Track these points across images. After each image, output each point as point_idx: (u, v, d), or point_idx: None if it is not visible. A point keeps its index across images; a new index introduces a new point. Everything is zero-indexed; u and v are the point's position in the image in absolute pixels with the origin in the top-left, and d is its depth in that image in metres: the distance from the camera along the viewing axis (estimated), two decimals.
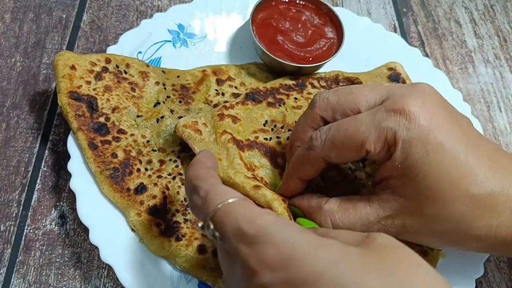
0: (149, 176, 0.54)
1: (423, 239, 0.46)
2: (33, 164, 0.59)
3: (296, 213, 0.49)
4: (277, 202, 0.48)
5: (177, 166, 0.55)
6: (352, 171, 0.57)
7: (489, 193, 0.41)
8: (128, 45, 0.64)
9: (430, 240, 0.46)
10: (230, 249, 0.34)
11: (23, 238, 0.54)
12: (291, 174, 0.49)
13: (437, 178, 0.41)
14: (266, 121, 0.57)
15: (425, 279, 0.32)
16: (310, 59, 0.63)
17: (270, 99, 0.59)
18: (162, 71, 0.63)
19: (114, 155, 0.54)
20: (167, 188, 0.53)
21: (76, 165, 0.54)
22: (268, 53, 0.62)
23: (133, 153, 0.55)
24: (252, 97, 0.58)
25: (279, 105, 0.59)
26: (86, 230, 0.50)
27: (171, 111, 0.59)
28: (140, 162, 0.54)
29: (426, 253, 0.52)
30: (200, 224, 0.37)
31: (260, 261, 0.31)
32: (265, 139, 0.56)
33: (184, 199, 0.53)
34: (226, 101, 0.61)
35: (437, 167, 0.40)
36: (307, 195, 0.50)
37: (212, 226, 0.35)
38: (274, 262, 0.31)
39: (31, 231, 0.55)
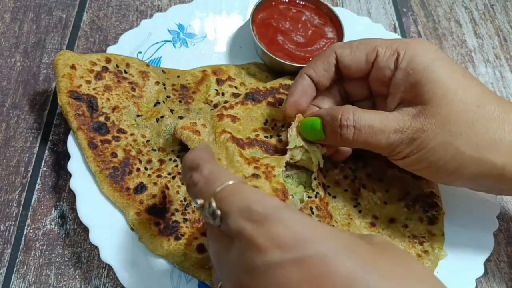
0: (149, 175, 0.54)
1: (438, 153, 0.46)
2: (33, 164, 0.59)
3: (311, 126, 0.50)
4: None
5: (176, 166, 0.55)
6: (352, 170, 0.57)
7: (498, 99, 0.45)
8: (128, 45, 0.64)
9: (444, 154, 0.45)
10: (230, 228, 0.33)
11: (23, 238, 0.54)
12: (303, 72, 0.53)
13: (447, 80, 0.44)
14: (266, 120, 0.57)
15: (427, 271, 0.33)
16: (310, 59, 0.63)
17: (270, 99, 0.59)
18: (162, 71, 0.63)
19: (114, 155, 0.54)
20: (167, 188, 0.53)
21: (76, 165, 0.54)
22: (268, 53, 0.62)
23: (133, 153, 0.55)
24: (252, 97, 0.58)
25: (279, 105, 0.59)
26: (86, 230, 0.50)
27: (171, 110, 0.59)
28: (140, 161, 0.54)
29: (427, 252, 0.52)
30: (199, 202, 0.35)
31: (269, 239, 0.31)
32: (266, 137, 0.56)
33: (184, 198, 0.53)
34: (226, 101, 0.61)
35: (445, 70, 0.45)
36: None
37: (214, 204, 0.34)
38: (286, 241, 0.30)
39: (31, 231, 0.55)
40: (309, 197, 0.53)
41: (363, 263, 0.30)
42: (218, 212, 0.34)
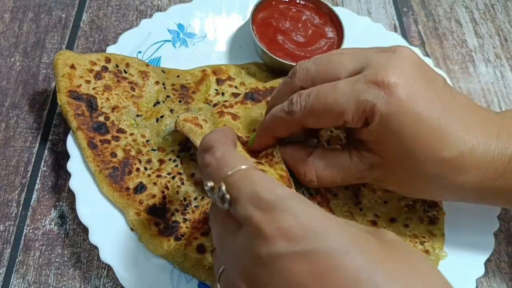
0: (149, 175, 0.54)
1: (398, 189, 0.51)
2: (32, 164, 0.59)
3: None
4: None
5: (176, 166, 0.55)
6: None
7: (458, 155, 0.43)
8: (128, 45, 0.64)
9: (404, 190, 0.51)
10: (238, 214, 0.32)
11: (23, 238, 0.54)
12: (266, 131, 0.50)
13: (412, 145, 0.43)
14: None
15: (437, 272, 0.34)
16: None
17: (269, 98, 0.59)
18: (162, 70, 0.63)
19: (114, 155, 0.54)
20: (167, 188, 0.53)
21: (76, 164, 0.53)
22: (268, 52, 0.62)
23: (133, 153, 0.55)
24: (251, 96, 0.58)
25: None
26: (85, 230, 0.50)
27: (171, 110, 0.59)
28: (140, 161, 0.54)
29: (428, 252, 0.52)
30: (209, 184, 0.34)
31: (276, 229, 0.30)
32: None
33: (184, 198, 0.53)
34: (225, 101, 0.61)
35: (413, 135, 0.43)
36: (289, 146, 0.51)
37: (224, 188, 0.33)
38: (294, 232, 0.29)
39: (31, 231, 0.54)
40: (310, 194, 0.53)
41: (373, 261, 0.29)
42: (228, 196, 0.33)
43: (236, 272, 0.32)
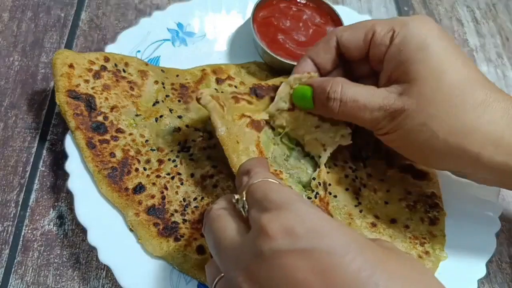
0: (148, 175, 0.53)
1: (415, 134, 0.46)
2: (31, 164, 0.58)
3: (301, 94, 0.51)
4: None
5: (176, 166, 0.54)
6: (353, 170, 0.56)
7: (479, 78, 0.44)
8: (127, 44, 0.63)
9: (420, 136, 0.45)
10: (250, 217, 0.34)
11: (21, 239, 0.54)
12: (305, 55, 0.54)
13: (436, 60, 0.44)
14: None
15: (435, 279, 0.34)
16: None
17: (272, 94, 0.58)
18: (161, 70, 0.62)
19: (113, 155, 0.53)
20: (166, 188, 0.53)
21: (74, 165, 0.53)
22: (269, 52, 0.61)
23: (132, 153, 0.54)
24: (255, 91, 0.58)
25: None
26: (84, 230, 0.50)
27: (170, 110, 0.58)
28: (139, 161, 0.54)
29: (428, 253, 0.52)
30: (236, 197, 0.37)
31: (280, 226, 0.31)
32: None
33: (183, 199, 0.53)
34: (233, 92, 0.60)
35: (435, 52, 0.44)
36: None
37: (244, 198, 0.36)
38: (297, 230, 0.31)
39: (29, 231, 0.54)
40: (308, 197, 0.53)
41: (373, 262, 0.30)
42: (246, 204, 0.36)
43: (237, 272, 0.33)
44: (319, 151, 0.54)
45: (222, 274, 0.36)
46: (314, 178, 0.53)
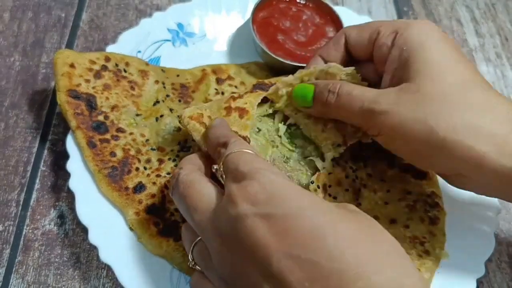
0: (148, 175, 0.54)
1: (411, 131, 0.44)
2: (32, 163, 0.59)
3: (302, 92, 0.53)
4: None
5: (176, 165, 0.54)
6: (353, 170, 0.56)
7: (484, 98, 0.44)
8: (128, 44, 0.63)
9: (418, 132, 0.44)
10: (225, 185, 0.38)
11: (22, 238, 0.54)
12: (316, 53, 0.56)
13: (436, 60, 0.44)
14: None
15: (392, 239, 0.36)
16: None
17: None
18: (162, 70, 0.62)
19: (113, 154, 0.53)
20: (166, 187, 0.53)
21: (75, 164, 0.53)
22: (268, 52, 0.61)
23: (132, 152, 0.54)
24: (260, 87, 0.58)
25: None
26: (85, 230, 0.50)
27: (170, 109, 0.59)
28: (139, 161, 0.54)
29: (428, 252, 0.52)
30: (215, 167, 0.41)
31: (243, 194, 0.35)
32: None
33: None
34: (233, 92, 0.60)
35: (436, 53, 0.45)
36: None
37: (222, 168, 0.40)
38: (257, 196, 0.34)
39: (30, 231, 0.54)
40: None
41: (325, 222, 0.33)
42: (223, 174, 0.39)
43: (214, 237, 0.37)
44: (330, 148, 0.55)
45: (199, 238, 0.40)
46: (312, 182, 0.53)
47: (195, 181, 0.41)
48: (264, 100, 0.57)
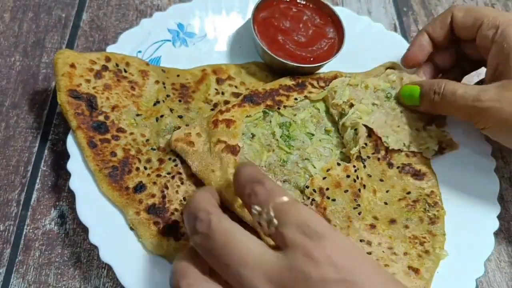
0: (148, 175, 0.54)
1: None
2: (32, 163, 0.59)
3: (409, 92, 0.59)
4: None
5: (176, 165, 0.55)
6: (355, 170, 0.56)
7: None
8: (128, 45, 0.64)
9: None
10: (285, 238, 0.37)
11: (23, 238, 0.54)
12: (422, 29, 0.61)
13: None
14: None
15: None
16: (311, 59, 0.63)
17: (268, 102, 0.59)
18: (162, 70, 0.63)
19: (113, 154, 0.54)
20: (166, 187, 0.53)
21: (76, 164, 0.53)
22: (269, 52, 0.61)
23: (132, 152, 0.55)
24: (250, 99, 0.58)
25: (279, 108, 0.59)
26: (85, 229, 0.50)
27: (171, 110, 0.59)
28: (139, 160, 0.54)
29: (428, 252, 0.52)
30: (258, 208, 0.39)
31: (326, 256, 0.35)
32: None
33: (183, 198, 0.53)
34: (226, 101, 0.61)
35: None
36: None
37: (272, 213, 0.38)
38: (340, 262, 0.35)
39: (31, 230, 0.54)
40: (304, 204, 0.53)
41: None
42: (275, 221, 0.38)
43: (263, 280, 0.36)
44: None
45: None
46: (307, 186, 0.54)
47: (234, 231, 0.38)
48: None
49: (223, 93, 0.62)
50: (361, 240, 0.52)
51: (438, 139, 0.59)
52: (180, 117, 0.59)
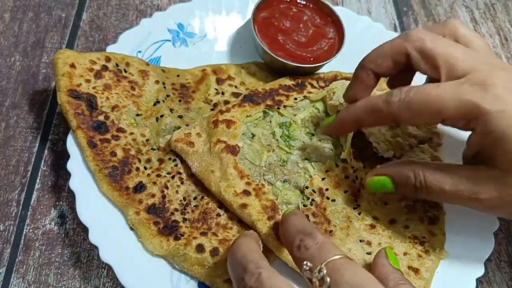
0: (148, 175, 0.54)
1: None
2: (32, 163, 0.59)
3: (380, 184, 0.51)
4: (261, 223, 0.50)
5: (176, 165, 0.55)
6: (354, 171, 0.56)
7: None
8: (128, 44, 0.64)
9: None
10: None
11: (23, 238, 0.54)
12: (351, 117, 0.50)
13: None
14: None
15: None
16: (311, 59, 0.63)
17: (268, 102, 0.59)
18: (162, 70, 0.63)
19: (113, 154, 0.54)
20: (166, 187, 0.53)
21: (76, 164, 0.53)
22: (269, 52, 0.62)
23: (132, 152, 0.55)
24: (250, 99, 0.58)
25: (278, 108, 0.59)
26: (85, 229, 0.50)
27: (171, 110, 0.59)
28: (139, 160, 0.54)
29: (428, 252, 0.52)
30: (309, 265, 0.39)
31: None
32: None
33: (183, 198, 0.53)
34: (226, 101, 0.61)
35: None
36: (394, 162, 0.54)
37: (325, 271, 0.38)
38: None
39: (31, 230, 0.54)
40: (304, 205, 0.53)
41: None
42: (328, 279, 0.37)
43: None
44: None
45: None
46: (307, 187, 0.54)
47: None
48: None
49: (223, 93, 0.62)
50: (361, 240, 0.52)
51: (431, 156, 0.58)
52: (180, 117, 0.59)
